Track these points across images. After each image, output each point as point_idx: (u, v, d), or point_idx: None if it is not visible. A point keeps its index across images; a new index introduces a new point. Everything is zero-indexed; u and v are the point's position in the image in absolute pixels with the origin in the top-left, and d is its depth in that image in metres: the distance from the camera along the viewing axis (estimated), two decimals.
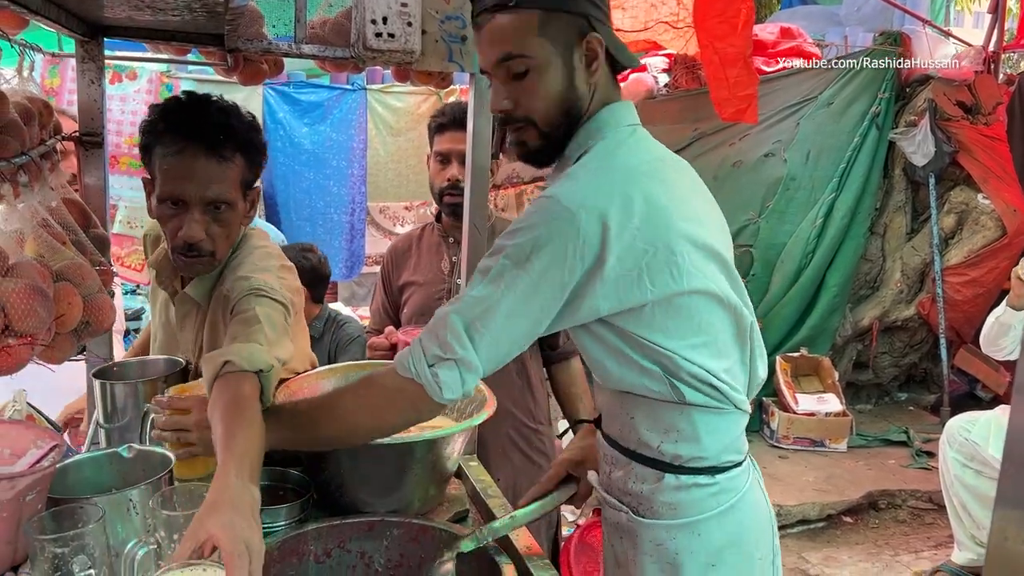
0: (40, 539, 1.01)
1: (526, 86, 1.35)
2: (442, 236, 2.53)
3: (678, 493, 1.41)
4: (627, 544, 1.48)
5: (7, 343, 1.06)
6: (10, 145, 1.19)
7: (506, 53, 1.34)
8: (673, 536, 1.42)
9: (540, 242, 1.26)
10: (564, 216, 1.25)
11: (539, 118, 1.37)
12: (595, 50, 1.35)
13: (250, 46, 1.63)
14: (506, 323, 1.29)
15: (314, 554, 1.59)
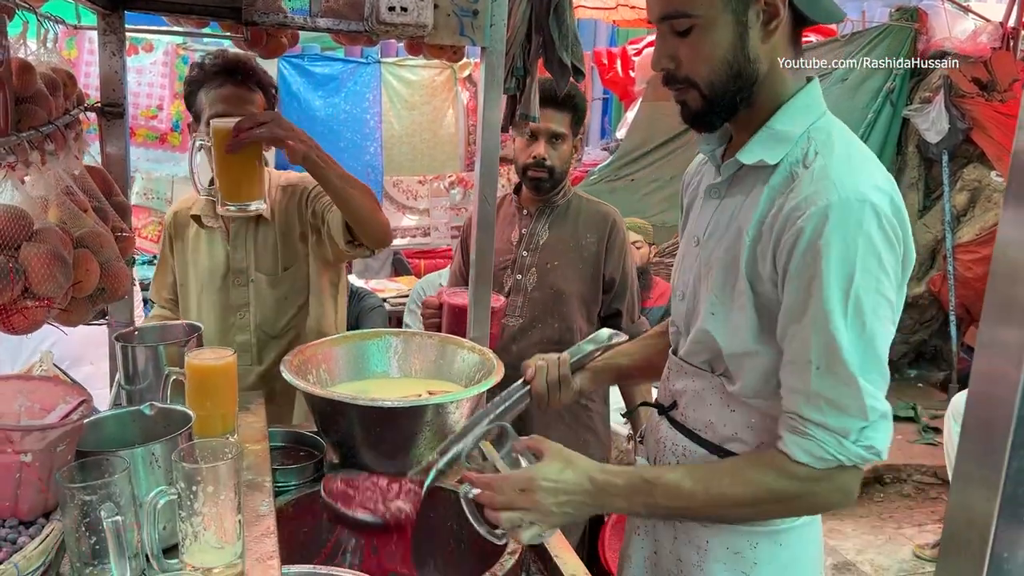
0: (70, 487, 1.07)
1: (689, 45, 1.22)
2: (517, 208, 2.60)
3: None
4: (688, 548, 1.41)
5: (25, 304, 1.11)
6: (37, 115, 1.23)
7: (669, 10, 1.22)
8: (754, 544, 1.34)
9: (864, 250, 1.12)
10: (860, 210, 1.12)
11: (702, 81, 1.23)
12: (776, 6, 1.19)
13: (266, 19, 1.67)
14: (883, 348, 1.17)
15: (327, 514, 1.65)
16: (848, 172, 1.16)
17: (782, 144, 1.24)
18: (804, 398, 1.19)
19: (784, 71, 1.25)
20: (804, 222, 1.15)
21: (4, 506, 1.08)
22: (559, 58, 2.08)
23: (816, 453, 1.17)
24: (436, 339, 2.01)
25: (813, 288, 1.15)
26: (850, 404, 1.15)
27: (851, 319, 1.14)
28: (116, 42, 1.77)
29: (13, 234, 1.06)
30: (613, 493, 1.26)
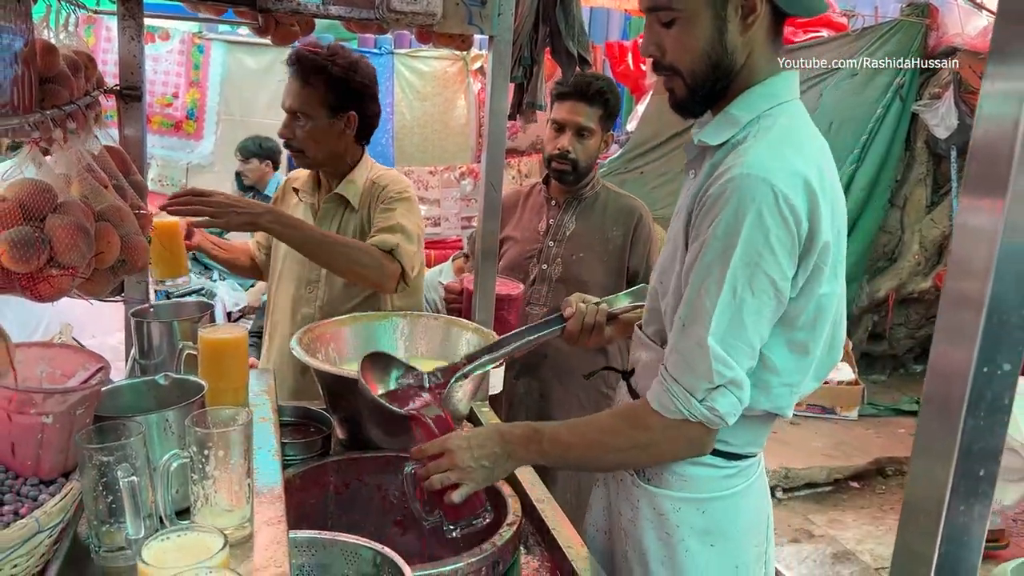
0: (89, 448, 1.12)
1: (672, 36, 1.29)
2: (546, 198, 2.63)
3: (692, 467, 1.40)
4: (625, 504, 1.50)
5: (50, 273, 1.17)
6: (61, 94, 1.29)
7: (653, 2, 1.29)
8: (677, 508, 1.42)
9: (751, 224, 1.19)
10: (757, 187, 1.19)
11: (684, 70, 1.31)
12: (753, 2, 1.25)
13: (280, 7, 1.72)
14: (755, 323, 1.24)
15: (334, 485, 1.71)
16: (765, 153, 1.22)
17: (730, 127, 1.31)
18: (669, 351, 1.31)
19: (760, 62, 1.31)
20: (710, 192, 1.25)
21: (26, 465, 1.14)
22: (566, 48, 2.12)
23: (666, 404, 1.29)
24: (441, 321, 2.06)
25: (701, 252, 1.25)
26: (698, 365, 1.25)
27: (722, 286, 1.21)
28: (135, 27, 1.82)
29: (39, 206, 1.12)
30: (514, 442, 1.39)
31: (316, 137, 2.30)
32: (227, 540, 0.97)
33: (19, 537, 1.02)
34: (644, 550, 1.45)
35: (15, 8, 1.14)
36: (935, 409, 0.71)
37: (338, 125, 2.31)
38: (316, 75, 2.25)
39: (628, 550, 1.50)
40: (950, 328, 0.68)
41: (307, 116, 2.27)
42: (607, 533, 1.61)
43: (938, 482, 0.70)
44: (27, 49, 1.18)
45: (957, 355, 0.67)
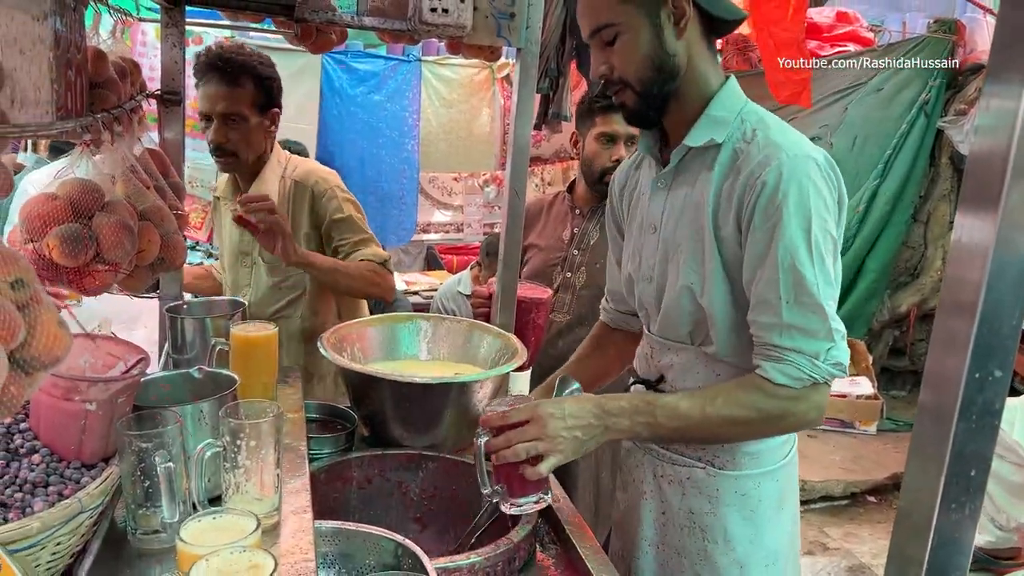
0: (128, 435, 1.18)
1: (617, 51, 1.42)
2: (570, 207, 2.66)
3: (759, 444, 1.51)
4: (699, 499, 1.55)
5: (96, 268, 1.24)
6: (109, 99, 1.36)
7: (596, 25, 1.43)
8: (758, 484, 1.52)
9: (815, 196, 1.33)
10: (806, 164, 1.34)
11: (632, 79, 1.43)
12: (681, 7, 1.39)
13: (316, 16, 1.78)
14: (836, 279, 1.38)
15: (357, 480, 1.76)
16: (787, 138, 1.38)
17: (722, 126, 1.44)
18: (777, 330, 1.35)
19: (705, 67, 1.46)
20: (762, 180, 1.34)
21: (70, 450, 1.20)
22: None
23: (793, 375, 1.34)
24: (464, 324, 2.11)
25: (776, 233, 1.33)
26: (819, 329, 1.34)
27: (813, 255, 1.33)
28: (177, 34, 1.89)
29: (87, 204, 1.19)
30: (616, 413, 1.39)
31: (249, 139, 2.32)
32: (260, 522, 1.03)
33: (63, 516, 1.07)
34: (730, 536, 1.53)
35: (71, 16, 1.21)
36: (929, 413, 0.75)
37: (265, 123, 2.35)
38: (244, 75, 2.27)
39: (708, 544, 1.54)
40: (945, 336, 0.72)
41: (241, 117, 2.28)
42: (659, 546, 1.63)
43: (931, 483, 0.74)
44: (80, 56, 1.25)
45: (951, 362, 0.71)
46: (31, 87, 1.02)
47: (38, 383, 0.76)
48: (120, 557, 1.23)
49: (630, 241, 1.66)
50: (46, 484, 1.15)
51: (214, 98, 2.27)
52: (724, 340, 1.46)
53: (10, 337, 0.69)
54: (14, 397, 0.71)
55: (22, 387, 0.73)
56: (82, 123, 1.19)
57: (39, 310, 0.75)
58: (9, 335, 0.69)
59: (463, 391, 1.77)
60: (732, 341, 1.46)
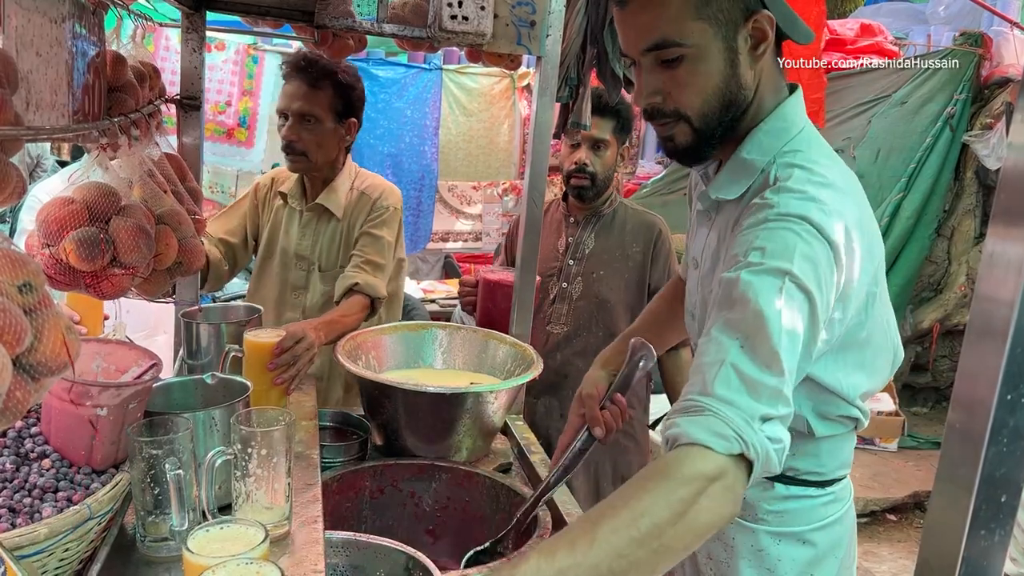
0: (139, 440, 1.17)
1: (679, 76, 1.17)
2: (564, 215, 2.63)
3: (787, 503, 1.34)
4: (716, 545, 1.42)
5: (113, 272, 1.23)
6: (127, 103, 1.35)
7: (657, 40, 1.16)
8: (777, 542, 1.35)
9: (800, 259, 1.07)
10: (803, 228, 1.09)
11: (693, 113, 1.19)
12: (764, 30, 1.16)
13: (336, 23, 1.77)
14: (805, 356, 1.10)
15: (369, 490, 1.75)
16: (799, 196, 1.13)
17: (746, 176, 1.24)
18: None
19: (766, 94, 1.23)
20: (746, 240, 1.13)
21: (80, 455, 1.19)
22: (612, 69, 2.15)
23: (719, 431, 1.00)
24: (480, 334, 2.09)
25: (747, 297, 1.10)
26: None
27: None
28: (197, 39, 1.89)
29: (104, 208, 1.18)
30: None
31: (321, 141, 2.33)
32: (268, 533, 1.01)
33: (71, 523, 1.07)
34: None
35: (90, 20, 1.21)
36: (958, 436, 0.72)
37: (340, 131, 2.37)
38: (325, 79, 2.29)
39: None
40: (975, 356, 0.70)
41: (316, 119, 2.30)
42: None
43: (959, 508, 0.71)
44: (99, 59, 1.25)
45: (981, 382, 0.68)
46: (48, 90, 1.01)
47: (45, 389, 0.75)
48: (128, 564, 1.22)
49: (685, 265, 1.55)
50: (55, 489, 1.15)
51: (292, 96, 2.29)
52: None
53: (16, 342, 0.68)
54: (19, 403, 0.69)
55: (28, 393, 0.71)
56: (99, 126, 1.19)
57: (47, 314, 0.74)
58: (15, 340, 0.68)
59: (478, 401, 1.76)
60: None
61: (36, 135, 0.88)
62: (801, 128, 1.24)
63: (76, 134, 1.07)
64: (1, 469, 1.15)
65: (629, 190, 6.40)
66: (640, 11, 1.18)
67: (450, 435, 1.78)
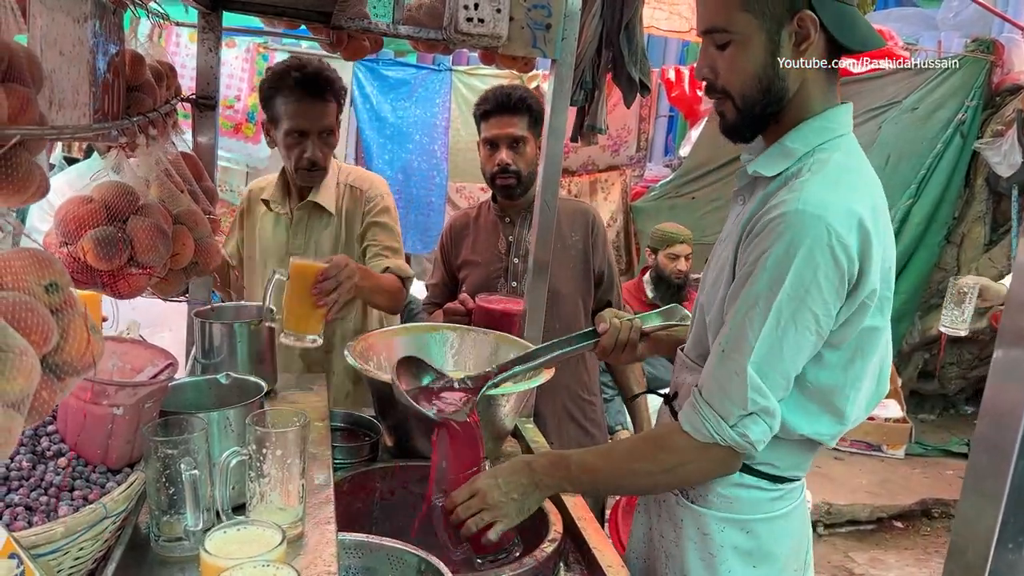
0: (155, 440, 1.17)
1: (726, 59, 1.31)
2: (499, 216, 2.61)
3: (738, 490, 1.41)
4: (668, 525, 1.51)
5: (130, 271, 1.23)
6: (145, 102, 1.35)
7: (710, 25, 1.32)
8: (721, 529, 1.43)
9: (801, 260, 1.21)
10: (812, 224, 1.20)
11: (735, 93, 1.33)
12: (806, 28, 1.26)
13: (352, 24, 1.77)
14: (793, 356, 1.26)
15: (380, 491, 1.74)
16: (821, 190, 1.24)
17: (784, 159, 1.33)
18: (706, 375, 1.33)
19: (815, 92, 1.33)
20: (763, 224, 1.26)
21: (96, 454, 1.19)
22: (627, 73, 2.15)
23: (697, 427, 1.32)
24: (491, 336, 2.09)
25: (748, 282, 1.27)
26: (734, 391, 1.27)
27: (766, 317, 1.24)
28: (213, 39, 1.90)
29: (122, 207, 1.18)
30: (541, 471, 1.44)
31: (332, 151, 2.37)
32: (285, 535, 1.01)
33: (87, 522, 1.06)
34: (686, 572, 1.47)
35: (110, 19, 1.21)
36: (986, 447, 0.72)
37: (338, 133, 2.41)
38: (330, 90, 2.29)
39: (668, 573, 1.51)
40: (1005, 366, 0.69)
41: (332, 132, 2.34)
42: (647, 560, 1.62)
43: (987, 519, 0.71)
44: (118, 59, 1.25)
45: (1011, 393, 0.68)
46: (70, 89, 1.01)
47: (69, 388, 0.75)
48: (142, 564, 1.22)
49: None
50: (71, 488, 1.14)
51: (312, 115, 2.27)
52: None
53: (43, 341, 0.68)
54: (45, 402, 0.70)
55: (53, 392, 0.71)
56: (119, 126, 1.19)
57: (72, 314, 0.74)
58: (42, 339, 0.68)
59: (489, 404, 1.75)
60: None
61: (60, 135, 0.88)
62: (843, 134, 1.34)
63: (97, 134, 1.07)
64: (17, 467, 1.15)
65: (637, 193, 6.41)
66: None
67: None
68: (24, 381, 0.62)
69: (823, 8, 1.26)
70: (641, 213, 6.09)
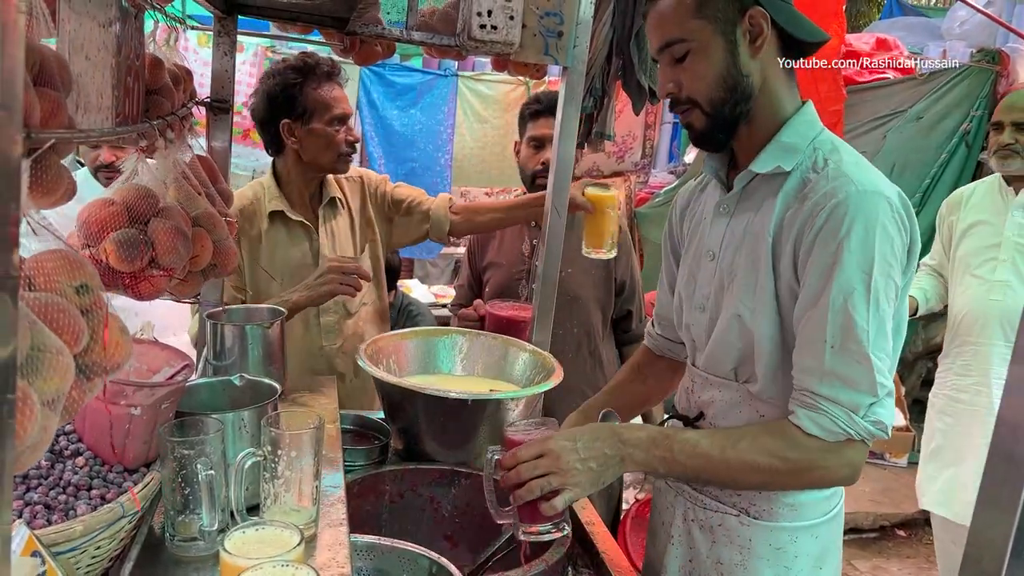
0: (171, 441, 1.18)
1: (687, 68, 1.34)
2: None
3: (800, 495, 1.40)
4: (729, 549, 1.45)
5: (151, 273, 1.25)
6: (163, 106, 1.37)
7: (666, 39, 1.35)
8: (795, 539, 1.41)
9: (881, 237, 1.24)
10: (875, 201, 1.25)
11: (702, 99, 1.35)
12: (759, 24, 1.32)
13: (367, 30, 1.79)
14: (890, 330, 1.28)
15: (389, 494, 1.75)
16: (860, 170, 1.29)
17: (792, 153, 1.36)
18: (818, 376, 1.27)
19: (780, 89, 1.38)
20: (825, 213, 1.26)
21: (113, 453, 1.20)
22: (637, 81, 2.17)
23: (827, 426, 1.26)
24: (500, 340, 2.10)
25: (833, 272, 1.25)
26: (861, 380, 1.25)
27: (869, 301, 1.24)
28: (228, 43, 1.91)
29: (143, 210, 1.20)
30: (633, 444, 1.32)
31: None
32: (303, 536, 1.02)
33: (105, 520, 1.07)
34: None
35: (132, 24, 1.22)
36: (1001, 458, 0.72)
37: None
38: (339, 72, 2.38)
39: None
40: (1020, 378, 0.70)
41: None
42: None
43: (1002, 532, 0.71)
44: (139, 63, 1.27)
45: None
46: (94, 93, 1.03)
47: (97, 388, 0.77)
48: (157, 563, 1.23)
49: (685, 266, 1.58)
50: (89, 487, 1.15)
51: (345, 101, 2.32)
52: (769, 378, 1.38)
53: (74, 342, 0.69)
54: (75, 401, 0.71)
55: (83, 392, 0.73)
56: (140, 129, 1.20)
57: (101, 315, 0.75)
58: (73, 340, 0.69)
59: (498, 408, 1.76)
60: (778, 380, 1.37)
61: (87, 138, 0.90)
62: (822, 128, 1.40)
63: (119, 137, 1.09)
64: (36, 466, 1.16)
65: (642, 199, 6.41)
66: (653, 17, 1.38)
67: (470, 441, 1.78)
68: (60, 381, 0.63)
69: (770, 5, 1.32)
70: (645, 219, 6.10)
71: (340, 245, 2.41)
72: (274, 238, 2.35)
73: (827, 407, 1.26)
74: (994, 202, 3.00)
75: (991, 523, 0.73)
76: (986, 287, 2.93)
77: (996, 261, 2.91)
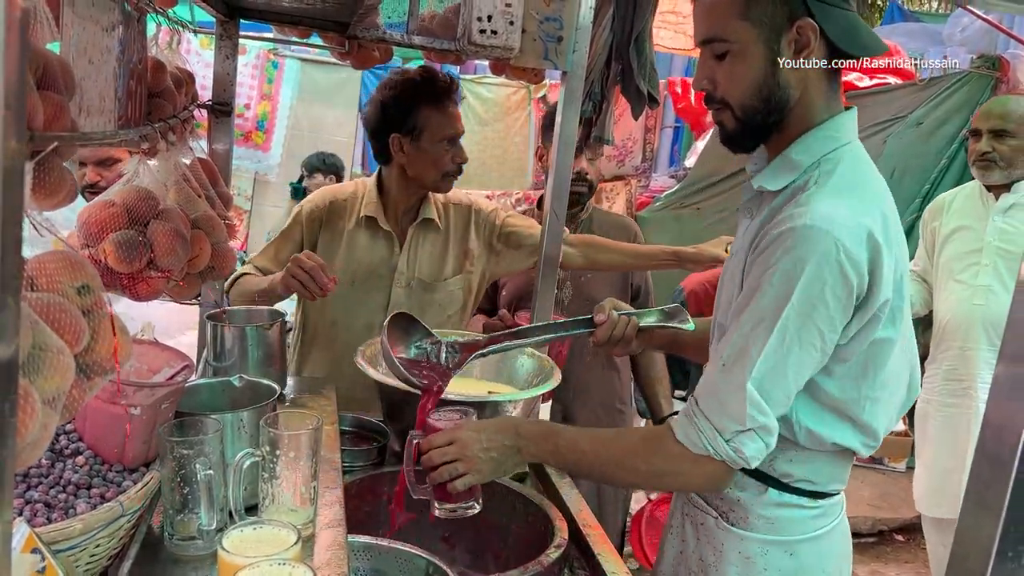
0: (170, 440, 1.20)
1: (725, 68, 1.29)
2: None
3: (779, 509, 1.38)
4: (707, 548, 1.46)
5: (150, 274, 1.26)
6: (165, 108, 1.38)
7: (707, 35, 1.30)
8: (765, 551, 1.39)
9: (809, 276, 1.19)
10: (819, 238, 1.18)
11: (735, 103, 1.30)
12: (807, 36, 1.25)
13: (367, 34, 1.80)
14: (796, 373, 1.24)
15: (387, 496, 1.76)
16: (828, 203, 1.22)
17: (789, 172, 1.32)
18: (704, 389, 1.30)
19: (816, 100, 1.31)
20: (770, 239, 1.24)
21: (112, 453, 1.21)
22: (636, 86, 2.18)
23: (693, 439, 1.28)
24: None
25: (753, 297, 1.24)
26: (732, 406, 1.24)
27: (771, 333, 1.21)
28: (231, 46, 1.93)
29: (143, 211, 1.21)
30: (528, 437, 1.42)
31: None
32: (300, 535, 1.03)
33: (105, 519, 1.08)
34: None
35: (135, 27, 1.24)
36: (987, 458, 0.73)
37: None
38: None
39: None
40: (1007, 379, 0.71)
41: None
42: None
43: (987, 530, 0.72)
44: (141, 66, 1.28)
45: (1012, 406, 0.70)
46: (97, 96, 1.04)
47: (97, 388, 0.78)
48: (156, 562, 1.24)
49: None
50: (89, 486, 1.16)
51: (458, 121, 2.29)
52: None
53: (75, 342, 0.70)
54: (75, 400, 0.72)
55: (83, 391, 0.74)
56: (142, 132, 1.21)
57: (102, 316, 0.77)
58: (74, 339, 0.70)
59: (497, 411, 1.77)
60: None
61: (89, 141, 0.91)
62: (848, 142, 1.32)
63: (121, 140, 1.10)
64: (37, 465, 1.17)
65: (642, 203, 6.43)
66: (699, 8, 1.33)
67: None
68: (60, 380, 0.64)
69: (824, 16, 1.24)
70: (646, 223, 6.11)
71: (420, 265, 2.35)
72: (356, 239, 2.32)
73: (699, 421, 1.28)
74: (975, 207, 3.02)
75: (977, 523, 0.74)
76: (969, 292, 2.95)
77: (979, 266, 2.93)
